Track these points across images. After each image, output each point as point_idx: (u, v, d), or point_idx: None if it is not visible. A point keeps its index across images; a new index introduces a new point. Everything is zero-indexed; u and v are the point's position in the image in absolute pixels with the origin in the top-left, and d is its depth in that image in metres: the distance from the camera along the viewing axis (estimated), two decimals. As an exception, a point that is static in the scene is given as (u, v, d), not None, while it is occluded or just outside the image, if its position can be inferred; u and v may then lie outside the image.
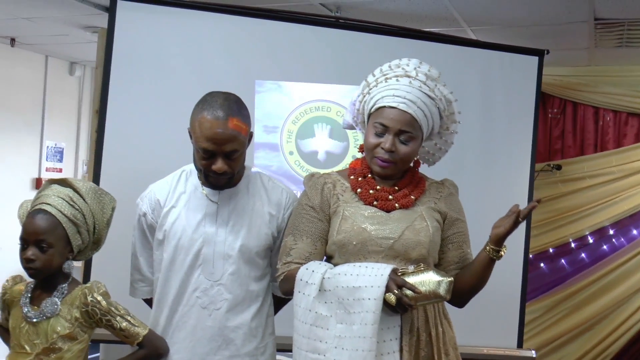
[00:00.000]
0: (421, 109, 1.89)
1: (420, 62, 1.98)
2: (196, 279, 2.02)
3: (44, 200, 1.93)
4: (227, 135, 1.92)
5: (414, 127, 1.89)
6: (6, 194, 5.14)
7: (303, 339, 1.81)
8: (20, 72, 5.39)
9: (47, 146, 5.71)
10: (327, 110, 3.25)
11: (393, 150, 1.87)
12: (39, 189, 5.65)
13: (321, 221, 1.94)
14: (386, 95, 1.89)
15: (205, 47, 3.12)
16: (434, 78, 1.95)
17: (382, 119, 1.88)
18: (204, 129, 1.92)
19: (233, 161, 1.97)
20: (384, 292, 1.71)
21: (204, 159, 1.96)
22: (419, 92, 1.89)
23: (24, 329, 1.90)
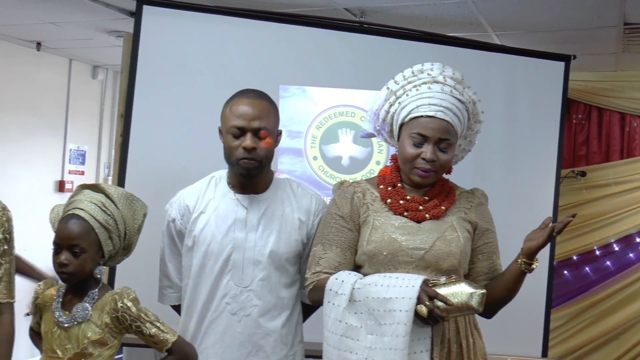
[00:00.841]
0: (456, 115, 1.88)
1: (443, 66, 1.96)
2: (225, 285, 2.01)
3: (77, 206, 1.94)
4: (256, 112, 1.98)
5: (451, 133, 1.88)
6: (30, 195, 5.18)
7: (333, 349, 1.80)
8: (45, 75, 5.44)
9: (69, 149, 5.75)
10: (351, 115, 3.24)
11: (435, 160, 1.86)
12: (61, 191, 5.76)
13: (351, 231, 1.92)
14: (421, 105, 1.87)
15: (229, 52, 3.12)
16: (460, 81, 1.94)
17: (420, 129, 1.86)
18: (234, 109, 2.00)
19: (261, 141, 1.98)
20: (416, 303, 1.70)
21: (235, 138, 1.98)
22: (451, 98, 1.88)
23: (55, 333, 1.91)
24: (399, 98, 1.92)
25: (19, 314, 2.03)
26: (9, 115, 5.04)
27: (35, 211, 4.91)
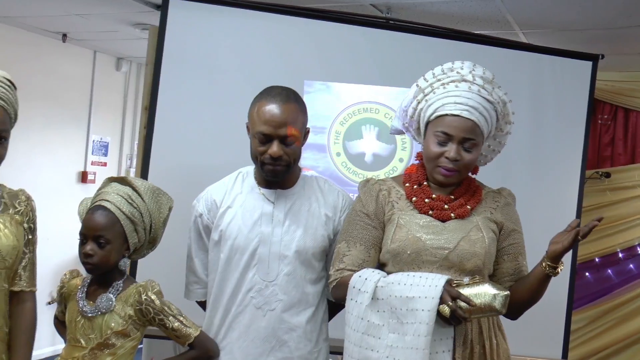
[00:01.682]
0: (482, 115, 1.86)
1: (473, 65, 1.95)
2: (251, 279, 2.02)
3: (103, 197, 1.96)
4: (283, 118, 1.96)
5: (476, 133, 1.86)
6: (53, 186, 5.24)
7: (354, 347, 1.79)
8: (70, 67, 5.49)
9: (92, 140, 5.80)
10: (375, 112, 3.22)
11: (458, 159, 1.85)
12: (84, 182, 5.81)
13: (375, 228, 1.92)
14: (447, 103, 1.86)
15: (255, 47, 3.12)
16: (490, 80, 1.92)
17: (444, 128, 1.85)
18: (260, 113, 1.97)
19: (288, 147, 1.98)
20: (438, 303, 1.69)
21: (261, 144, 1.98)
22: (479, 97, 1.86)
23: (79, 323, 1.93)
24: (427, 95, 1.92)
25: (41, 302, 2.05)
26: (34, 106, 5.09)
27: (58, 201, 4.98)
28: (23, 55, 5.00)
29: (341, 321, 2.22)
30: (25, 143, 4.97)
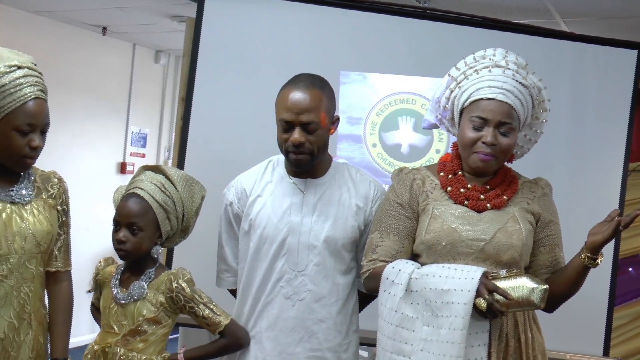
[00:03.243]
0: (518, 98, 1.83)
1: (506, 51, 1.92)
2: (280, 269, 2.01)
3: (137, 185, 1.98)
4: (304, 105, 1.93)
5: (513, 117, 1.82)
6: (93, 177, 5.32)
7: (388, 339, 1.78)
8: (110, 59, 5.56)
9: (131, 131, 5.88)
10: (411, 102, 3.19)
11: (495, 144, 1.81)
12: (123, 173, 5.91)
13: (409, 219, 1.89)
14: (482, 87, 1.83)
15: (290, 37, 3.11)
16: (523, 66, 1.89)
17: (480, 112, 1.82)
18: (283, 100, 1.96)
19: (311, 134, 1.95)
20: (474, 296, 1.66)
21: (284, 131, 1.96)
22: (513, 81, 1.83)
23: (113, 309, 1.96)
24: (460, 83, 1.89)
25: (81, 291, 2.08)
26: (75, 98, 5.18)
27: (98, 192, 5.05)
28: (64, 48, 5.09)
29: (372, 312, 2.21)
30: (66, 134, 5.07)
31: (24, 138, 1.84)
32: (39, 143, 1.87)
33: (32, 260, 1.90)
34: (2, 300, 1.84)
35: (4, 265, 1.84)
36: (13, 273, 1.85)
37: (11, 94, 1.81)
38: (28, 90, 1.83)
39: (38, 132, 1.87)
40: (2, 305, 1.84)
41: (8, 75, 1.82)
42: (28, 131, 1.84)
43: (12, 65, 1.83)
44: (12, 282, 1.85)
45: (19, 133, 1.83)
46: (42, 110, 1.87)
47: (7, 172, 1.91)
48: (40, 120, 1.86)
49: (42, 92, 1.88)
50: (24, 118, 1.82)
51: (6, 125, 1.82)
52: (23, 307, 1.88)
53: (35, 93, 1.85)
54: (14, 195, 1.90)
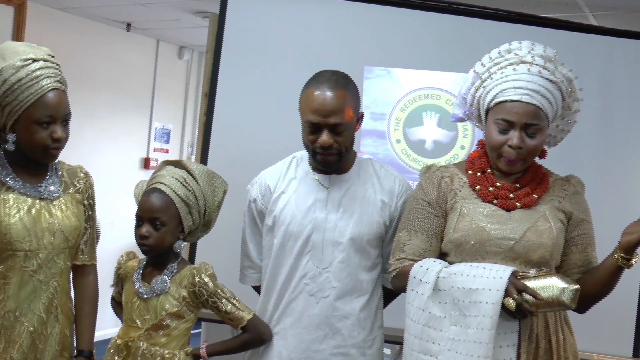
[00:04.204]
0: (545, 97, 1.77)
1: (532, 44, 1.85)
2: (304, 266, 2.00)
3: (159, 180, 1.98)
4: (332, 106, 1.90)
5: (539, 117, 1.77)
6: (117, 172, 5.36)
7: (415, 339, 1.76)
8: (134, 56, 5.59)
9: (155, 127, 5.91)
10: (436, 98, 3.15)
11: (522, 146, 1.77)
12: (146, 168, 5.94)
13: (437, 217, 1.86)
14: (506, 88, 1.78)
15: (314, 33, 3.09)
16: (551, 59, 1.83)
17: (505, 115, 1.77)
18: (309, 101, 1.93)
19: (339, 136, 1.93)
20: (503, 296, 1.63)
21: (311, 133, 1.94)
22: (539, 79, 1.78)
23: (135, 304, 1.97)
24: (484, 82, 1.85)
25: (105, 285, 2.09)
26: (99, 94, 5.22)
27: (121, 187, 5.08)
28: (89, 44, 5.12)
29: (395, 309, 2.19)
30: (90, 130, 5.10)
31: (45, 130, 1.84)
32: (61, 134, 1.86)
33: (60, 255, 1.91)
34: (32, 294, 1.85)
35: (33, 261, 1.85)
36: (42, 268, 1.87)
37: (28, 88, 1.81)
38: (45, 82, 1.83)
39: (59, 123, 1.86)
40: (32, 299, 1.86)
41: (24, 69, 1.82)
42: (49, 123, 1.84)
43: (27, 58, 1.83)
44: (41, 276, 1.87)
45: (39, 126, 1.83)
46: (61, 100, 1.86)
47: (35, 168, 1.92)
48: (60, 111, 1.86)
49: (59, 82, 1.87)
50: (43, 110, 1.82)
51: (27, 119, 1.83)
52: (51, 301, 1.89)
53: (52, 84, 1.84)
54: (43, 191, 1.91)
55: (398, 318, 2.32)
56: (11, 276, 1.83)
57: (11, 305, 1.83)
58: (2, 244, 1.82)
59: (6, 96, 1.81)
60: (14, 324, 1.83)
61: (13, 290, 1.83)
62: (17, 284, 1.83)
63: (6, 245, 1.82)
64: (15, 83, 1.80)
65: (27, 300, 1.85)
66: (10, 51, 1.84)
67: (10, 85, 1.80)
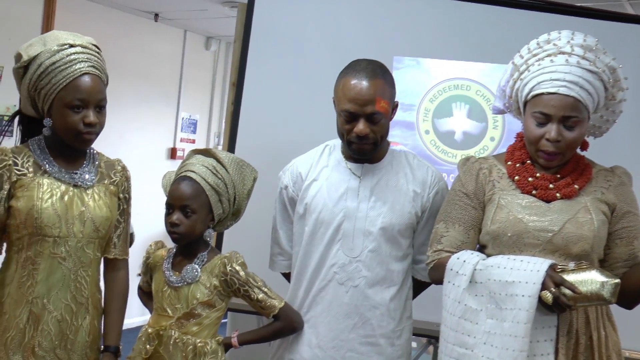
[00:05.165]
0: (584, 88, 1.72)
1: (572, 33, 1.81)
2: (335, 254, 1.99)
3: (189, 168, 1.98)
4: (369, 95, 1.89)
5: (578, 109, 1.72)
6: (144, 162, 5.39)
7: (450, 331, 1.74)
8: (161, 46, 5.61)
9: (182, 117, 5.93)
10: (466, 89, 3.11)
11: (560, 140, 1.73)
12: (173, 158, 5.97)
13: (475, 209, 1.84)
14: (543, 81, 1.74)
15: (343, 22, 3.07)
16: (592, 48, 1.78)
17: (542, 108, 1.73)
18: (346, 90, 1.92)
19: (375, 125, 1.92)
20: (540, 289, 1.60)
21: (347, 122, 1.93)
22: (578, 70, 1.73)
23: (166, 292, 1.97)
24: (522, 74, 1.81)
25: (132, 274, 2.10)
26: (127, 84, 5.24)
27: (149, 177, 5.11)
28: (117, 34, 5.15)
29: (423, 302, 2.16)
30: (118, 120, 5.13)
31: (78, 114, 1.83)
32: (93, 119, 1.84)
33: (89, 244, 1.90)
34: (60, 282, 1.86)
35: (62, 248, 1.85)
36: (71, 256, 1.87)
37: (61, 71, 1.81)
38: (78, 66, 1.82)
39: (92, 108, 1.85)
40: (60, 287, 1.86)
41: (59, 54, 1.82)
42: (80, 107, 1.83)
43: (64, 44, 1.84)
44: (69, 265, 1.87)
45: (72, 109, 1.83)
46: (94, 85, 1.85)
47: (73, 155, 1.93)
48: (92, 95, 1.84)
49: (94, 67, 1.85)
50: (74, 94, 1.82)
51: (59, 103, 1.83)
52: (80, 291, 1.89)
53: (85, 69, 1.83)
54: (78, 178, 1.91)
55: (426, 311, 2.31)
56: (40, 262, 1.84)
57: (40, 291, 1.84)
58: (33, 228, 1.82)
59: (41, 79, 1.82)
60: (42, 311, 1.84)
61: (41, 277, 1.84)
62: (45, 270, 1.84)
63: (36, 230, 1.82)
64: (50, 66, 1.81)
65: (56, 288, 1.85)
66: (52, 38, 1.86)
67: (45, 68, 1.81)
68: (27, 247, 1.84)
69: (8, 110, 4.39)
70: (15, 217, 1.83)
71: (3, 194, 1.83)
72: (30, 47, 1.84)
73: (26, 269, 1.84)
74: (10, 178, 1.84)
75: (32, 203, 1.82)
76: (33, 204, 1.82)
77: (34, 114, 1.92)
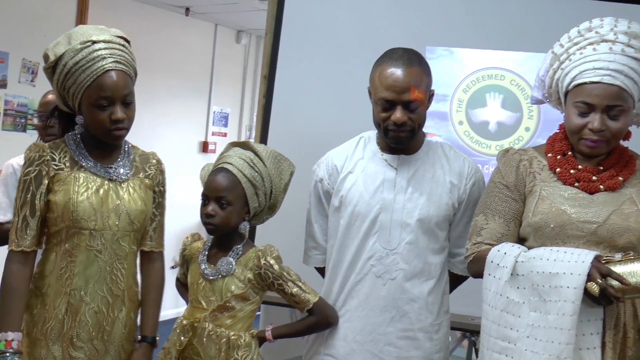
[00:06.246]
0: (629, 77, 1.67)
1: (615, 20, 1.75)
2: (371, 247, 1.96)
3: (226, 160, 1.98)
4: (405, 83, 1.87)
5: (623, 99, 1.68)
6: (176, 155, 5.42)
7: (492, 324, 1.70)
8: (192, 40, 5.64)
9: (213, 111, 5.96)
10: (500, 78, 3.06)
11: (603, 129, 1.68)
12: (205, 152, 6.00)
13: (515, 201, 1.80)
14: (585, 70, 1.70)
15: (375, 12, 3.04)
16: (637, 35, 1.72)
17: (585, 97, 1.69)
18: (382, 78, 1.90)
19: (412, 113, 1.90)
20: (586, 281, 1.56)
21: (384, 110, 1.91)
22: (623, 58, 1.68)
23: (201, 285, 1.97)
24: (562, 63, 1.77)
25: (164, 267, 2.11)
26: (158, 78, 5.28)
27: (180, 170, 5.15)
28: (149, 29, 5.18)
29: (458, 295, 2.13)
30: (150, 114, 5.18)
31: (105, 112, 1.84)
32: (120, 115, 1.84)
33: (125, 237, 1.92)
34: (96, 275, 1.88)
35: (98, 240, 1.87)
36: (107, 249, 1.89)
37: (84, 70, 1.81)
38: (100, 64, 1.81)
39: (118, 103, 1.84)
40: (97, 280, 1.88)
41: (81, 52, 1.81)
42: (107, 104, 1.83)
43: (87, 41, 1.83)
44: (105, 257, 1.89)
45: (98, 108, 1.83)
46: (118, 81, 1.83)
47: (108, 149, 1.94)
48: (117, 92, 1.83)
49: (117, 62, 1.83)
50: (99, 92, 1.82)
51: (86, 102, 1.84)
52: (116, 284, 1.91)
53: (106, 66, 1.82)
54: (112, 172, 1.93)
55: (460, 304, 2.28)
56: (77, 254, 1.86)
57: (78, 283, 1.86)
58: (69, 221, 1.85)
59: (67, 79, 1.83)
60: (79, 303, 1.86)
61: (79, 269, 1.86)
62: (82, 262, 1.86)
63: (73, 223, 1.85)
64: (73, 66, 1.81)
65: (92, 280, 1.87)
66: (76, 34, 1.85)
67: (69, 68, 1.82)
68: (65, 240, 1.87)
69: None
70: (53, 210, 1.86)
71: (42, 189, 1.85)
72: (56, 46, 1.84)
73: (64, 261, 1.86)
74: (49, 173, 1.86)
75: (69, 197, 1.84)
76: (69, 197, 1.84)
77: (68, 110, 1.94)
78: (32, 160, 1.86)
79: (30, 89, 4.42)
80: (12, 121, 4.36)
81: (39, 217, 1.86)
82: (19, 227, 1.85)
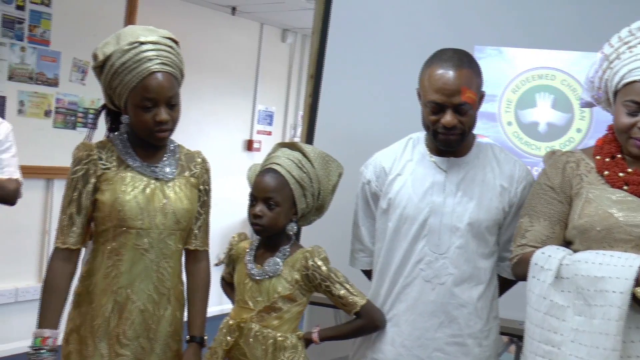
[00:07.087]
0: None
1: None
2: (420, 250, 1.94)
3: (274, 161, 1.98)
4: (456, 85, 1.84)
5: None
6: (221, 153, 5.47)
7: (536, 328, 1.68)
8: (238, 39, 5.68)
9: (258, 110, 5.99)
10: (550, 78, 2.99)
11: None
12: (249, 150, 6.03)
13: (561, 203, 1.77)
14: (635, 68, 1.66)
15: (423, 11, 3.02)
16: None
17: (634, 96, 1.66)
18: (432, 80, 1.87)
19: (463, 116, 1.86)
20: (634, 285, 1.52)
21: (433, 113, 1.88)
22: None
23: (247, 285, 1.98)
24: (612, 62, 1.73)
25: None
26: (205, 77, 5.33)
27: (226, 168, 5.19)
28: (195, 28, 5.24)
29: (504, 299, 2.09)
30: (196, 112, 5.24)
31: (149, 113, 1.85)
32: (164, 117, 1.85)
33: (171, 236, 1.93)
34: (143, 273, 1.90)
35: (145, 239, 1.89)
36: (153, 248, 1.90)
37: (130, 72, 1.82)
38: (145, 65, 1.82)
39: (162, 105, 1.85)
40: (143, 278, 1.90)
41: (129, 53, 1.82)
42: (151, 106, 1.84)
43: (134, 42, 1.83)
44: (152, 256, 1.91)
45: (142, 109, 1.84)
46: (163, 83, 1.83)
47: (153, 149, 1.96)
48: (162, 93, 1.84)
49: (163, 64, 1.84)
50: (143, 94, 1.83)
51: (131, 102, 1.86)
52: (162, 282, 1.93)
53: (151, 68, 1.82)
54: (158, 171, 1.94)
55: (508, 308, 2.23)
56: (124, 253, 1.88)
57: (124, 281, 1.88)
58: (117, 220, 1.87)
59: (114, 80, 1.85)
60: (126, 301, 1.88)
61: (125, 267, 1.88)
62: (129, 261, 1.88)
63: (120, 222, 1.87)
64: (120, 67, 1.82)
65: (139, 278, 1.89)
66: (125, 34, 1.86)
67: (116, 69, 1.83)
68: (112, 239, 1.89)
69: (92, 104, 4.54)
70: (101, 209, 1.88)
71: (89, 188, 1.88)
72: (105, 46, 1.86)
73: (111, 259, 1.89)
74: (96, 172, 1.89)
75: (116, 196, 1.86)
76: (116, 196, 1.86)
77: (115, 108, 1.96)
78: (80, 159, 1.89)
79: (81, 88, 4.52)
80: (63, 119, 4.46)
81: (85, 215, 1.89)
82: (65, 225, 1.89)
